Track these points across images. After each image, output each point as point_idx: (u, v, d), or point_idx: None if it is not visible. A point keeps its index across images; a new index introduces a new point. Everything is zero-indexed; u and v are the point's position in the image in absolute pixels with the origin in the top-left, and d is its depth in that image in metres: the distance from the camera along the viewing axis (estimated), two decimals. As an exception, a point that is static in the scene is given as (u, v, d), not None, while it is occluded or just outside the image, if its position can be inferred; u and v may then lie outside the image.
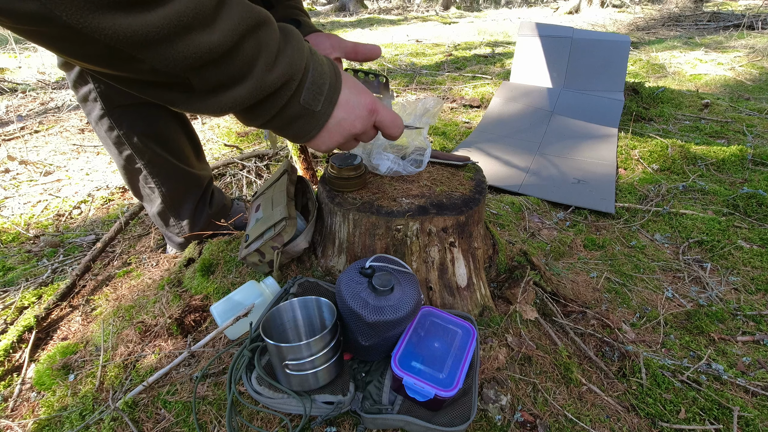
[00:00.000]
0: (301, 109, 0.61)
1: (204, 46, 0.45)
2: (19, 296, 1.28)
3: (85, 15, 0.37)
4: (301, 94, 0.59)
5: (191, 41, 0.44)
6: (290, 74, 0.56)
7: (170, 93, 0.50)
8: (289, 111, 0.60)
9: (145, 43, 0.41)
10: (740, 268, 1.40)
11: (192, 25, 0.43)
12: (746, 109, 2.79)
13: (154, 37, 0.41)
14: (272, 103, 0.58)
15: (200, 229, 1.33)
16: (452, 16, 8.37)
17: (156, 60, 0.44)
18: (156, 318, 1.12)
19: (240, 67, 0.50)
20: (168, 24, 0.41)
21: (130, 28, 0.39)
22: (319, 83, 0.61)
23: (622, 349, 1.05)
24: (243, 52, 0.49)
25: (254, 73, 0.52)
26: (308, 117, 0.62)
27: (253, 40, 0.50)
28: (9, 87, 3.37)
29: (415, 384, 0.78)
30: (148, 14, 0.40)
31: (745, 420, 0.91)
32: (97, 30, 0.38)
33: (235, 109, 0.55)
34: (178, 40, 0.43)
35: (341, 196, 1.03)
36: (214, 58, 0.46)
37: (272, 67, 0.53)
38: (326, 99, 0.62)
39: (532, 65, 2.83)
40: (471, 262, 1.06)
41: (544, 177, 2.00)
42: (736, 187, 1.87)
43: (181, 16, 0.42)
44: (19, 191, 1.94)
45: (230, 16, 0.47)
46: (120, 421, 0.88)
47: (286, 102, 0.59)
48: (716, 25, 5.78)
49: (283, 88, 0.57)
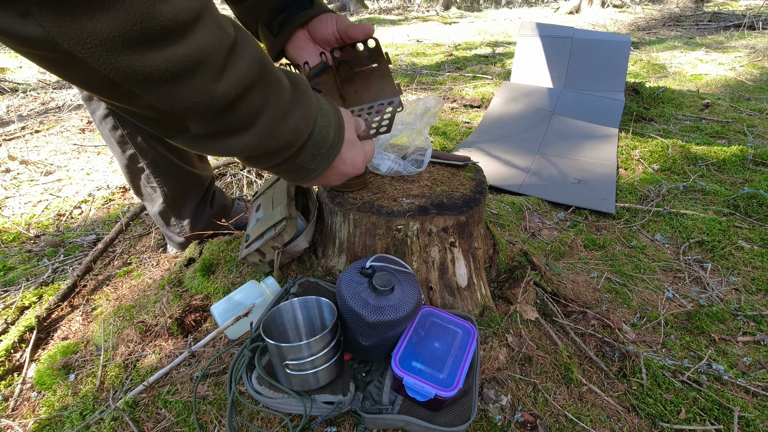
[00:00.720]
0: (296, 166, 0.61)
1: (206, 94, 0.44)
2: (20, 296, 1.28)
3: (88, 47, 0.36)
4: (299, 156, 0.60)
5: (193, 87, 0.43)
6: (292, 140, 0.56)
7: (167, 129, 0.49)
8: (285, 166, 0.60)
9: (144, 83, 0.40)
10: (741, 268, 1.40)
11: (197, 71, 0.42)
12: (747, 110, 2.79)
13: (155, 77, 0.40)
14: (269, 158, 0.57)
15: (201, 229, 1.33)
16: (453, 16, 8.37)
17: (154, 99, 0.43)
18: (156, 318, 1.12)
19: (240, 121, 0.49)
20: (171, 66, 0.40)
21: (132, 65, 0.39)
22: (319, 146, 0.61)
23: (622, 349, 1.05)
24: (246, 106, 0.48)
25: (255, 129, 0.51)
26: (302, 172, 0.63)
27: (259, 94, 0.49)
28: (10, 87, 3.38)
29: (415, 384, 0.78)
30: (153, 54, 0.39)
31: (746, 420, 0.91)
32: (98, 62, 0.38)
33: (231, 156, 0.54)
34: (180, 83, 0.42)
35: (342, 196, 1.03)
36: (214, 107, 0.45)
37: (276, 126, 0.52)
38: (323, 159, 0.63)
39: (532, 65, 2.83)
40: (471, 262, 1.06)
41: (545, 177, 1.99)
42: (736, 187, 1.86)
43: (186, 60, 0.41)
44: (19, 191, 1.94)
45: (240, 68, 0.46)
46: (120, 421, 0.88)
47: (282, 161, 0.59)
48: (717, 25, 5.78)
49: (283, 149, 0.56)
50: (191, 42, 0.41)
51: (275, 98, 0.51)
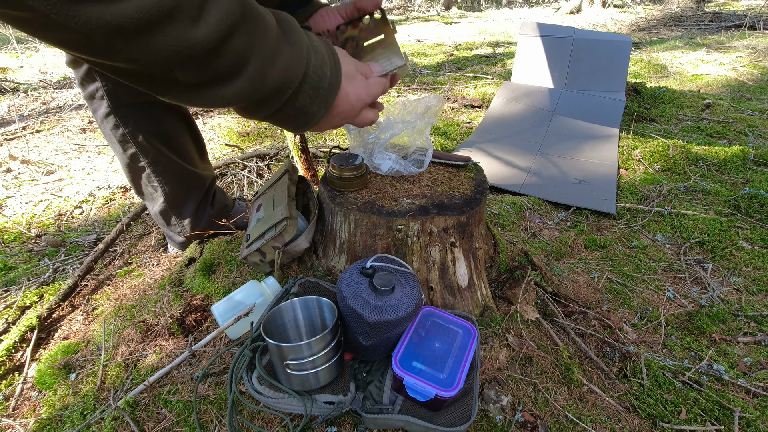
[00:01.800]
0: (296, 111, 0.58)
1: (185, 40, 0.42)
2: (21, 295, 1.28)
3: (56, 3, 0.35)
4: (296, 99, 0.57)
5: (170, 34, 0.41)
6: (286, 81, 0.53)
7: (156, 84, 0.47)
8: (284, 113, 0.58)
9: (119, 34, 0.38)
10: (741, 268, 1.40)
11: (172, 17, 0.40)
12: (748, 110, 2.78)
13: (129, 27, 0.38)
14: (265, 105, 0.55)
15: (202, 229, 1.33)
16: (453, 16, 8.37)
17: (133, 52, 0.41)
18: (157, 317, 1.12)
19: (227, 66, 0.47)
20: (144, 15, 0.38)
21: (102, 18, 0.37)
22: (316, 86, 0.58)
23: (623, 349, 1.05)
24: (231, 50, 0.46)
25: (245, 73, 0.48)
26: (304, 116, 0.60)
27: (243, 36, 0.46)
28: (11, 87, 3.38)
29: (415, 384, 0.78)
30: (123, 2, 0.37)
31: (747, 421, 0.91)
32: (69, 18, 0.36)
33: (225, 106, 0.52)
34: (156, 32, 0.40)
35: (342, 196, 1.03)
36: (197, 53, 0.43)
37: (266, 69, 0.50)
38: (322, 101, 0.60)
39: (533, 65, 2.83)
40: (472, 263, 1.06)
41: (545, 177, 1.99)
42: (737, 187, 1.86)
43: (159, 6, 0.38)
44: (20, 191, 1.94)
45: (218, 9, 0.43)
46: (121, 421, 0.88)
47: (281, 106, 0.56)
48: (718, 25, 5.77)
49: (278, 93, 0.54)
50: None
51: (261, 38, 0.48)
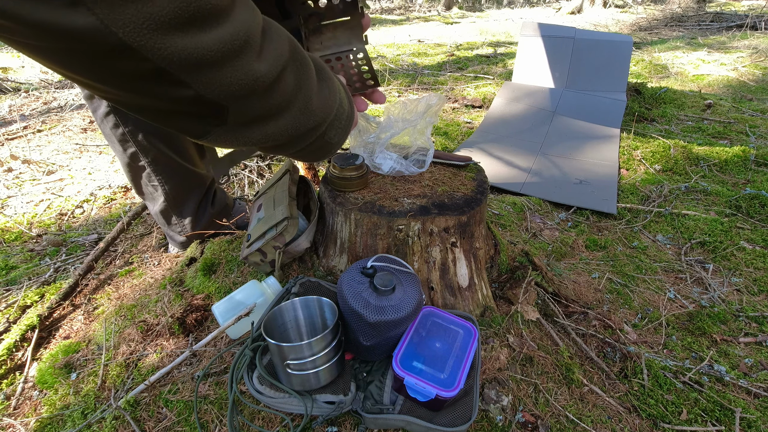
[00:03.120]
0: (323, 143, 0.62)
1: (251, 74, 0.43)
2: (22, 295, 1.28)
3: (143, 33, 0.35)
4: (327, 134, 0.60)
5: (239, 68, 0.42)
6: (324, 116, 0.56)
7: (203, 124, 0.48)
8: (314, 146, 0.61)
9: (198, 66, 0.40)
10: (743, 269, 1.40)
11: (243, 51, 0.42)
12: (749, 110, 2.78)
13: (208, 59, 0.39)
14: (301, 140, 0.57)
15: (202, 228, 1.33)
16: (454, 16, 8.37)
17: (203, 85, 0.42)
18: (158, 317, 1.13)
19: (279, 102, 0.49)
20: (222, 47, 0.40)
21: (186, 49, 0.38)
22: (341, 119, 0.62)
23: (623, 349, 1.05)
24: (283, 86, 0.48)
25: (292, 109, 0.51)
26: (327, 147, 0.64)
27: (293, 73, 0.49)
28: (12, 86, 3.38)
29: (416, 384, 0.78)
30: (204, 35, 0.38)
31: (747, 421, 0.91)
32: (153, 49, 0.36)
33: (264, 144, 0.53)
34: (228, 65, 0.41)
35: (343, 196, 1.03)
36: (258, 88, 0.45)
37: (309, 105, 0.53)
38: (343, 131, 0.64)
39: (534, 65, 2.82)
40: (472, 263, 1.06)
41: (546, 177, 1.99)
42: (738, 188, 1.86)
43: (234, 39, 0.40)
44: (21, 190, 1.94)
45: (274, 46, 0.46)
46: (122, 420, 0.88)
47: (313, 140, 0.59)
48: (719, 25, 5.76)
49: (316, 128, 0.57)
50: (236, 21, 0.40)
51: (306, 76, 0.51)
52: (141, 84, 0.40)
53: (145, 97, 0.42)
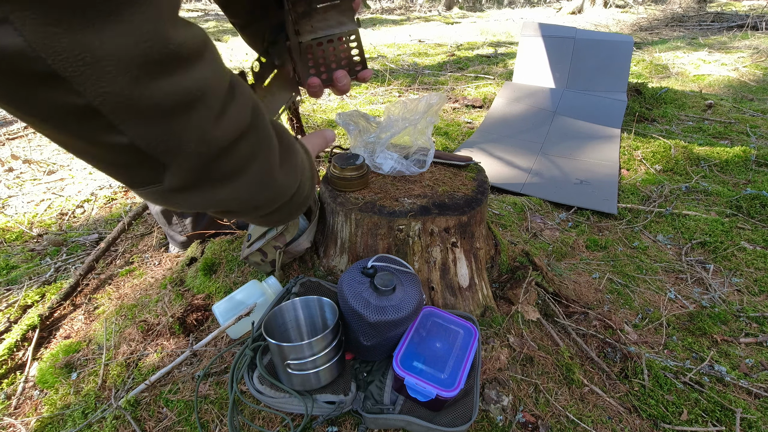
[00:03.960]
0: (275, 218, 0.56)
1: (202, 133, 0.38)
2: (23, 295, 1.28)
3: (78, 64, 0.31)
4: (281, 210, 0.55)
5: (189, 126, 0.37)
6: (283, 191, 0.51)
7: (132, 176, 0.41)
8: (266, 218, 0.56)
9: (138, 114, 0.34)
10: (743, 269, 1.40)
11: (195, 108, 0.37)
12: (750, 110, 2.78)
13: (151, 109, 0.34)
14: (255, 211, 0.52)
15: (203, 228, 1.33)
16: (455, 16, 8.37)
17: (140, 136, 0.36)
18: (158, 317, 1.13)
19: (228, 170, 0.44)
20: (170, 99, 0.35)
21: (126, 92, 0.33)
22: (298, 200, 0.56)
23: (624, 350, 1.05)
24: (236, 154, 0.43)
25: (244, 177, 0.45)
26: (276, 222, 0.59)
27: (250, 143, 0.44)
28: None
29: (416, 384, 0.78)
30: (152, 81, 0.33)
31: (748, 422, 0.91)
32: (87, 84, 0.32)
33: (206, 209, 0.48)
34: (175, 120, 0.37)
35: (343, 196, 1.03)
36: (209, 150, 0.40)
37: (265, 177, 0.48)
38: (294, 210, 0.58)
39: (534, 65, 2.82)
40: (473, 263, 1.06)
41: (547, 177, 1.99)
42: (739, 188, 1.86)
43: (187, 94, 0.36)
44: (22, 190, 1.95)
45: (237, 110, 0.41)
46: (122, 420, 0.88)
47: (268, 213, 0.54)
48: (720, 25, 5.76)
49: (272, 202, 0.52)
50: (195, 75, 0.36)
51: (265, 147, 0.47)
52: (68, 121, 0.34)
53: (71, 136, 0.36)
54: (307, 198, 0.59)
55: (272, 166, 0.49)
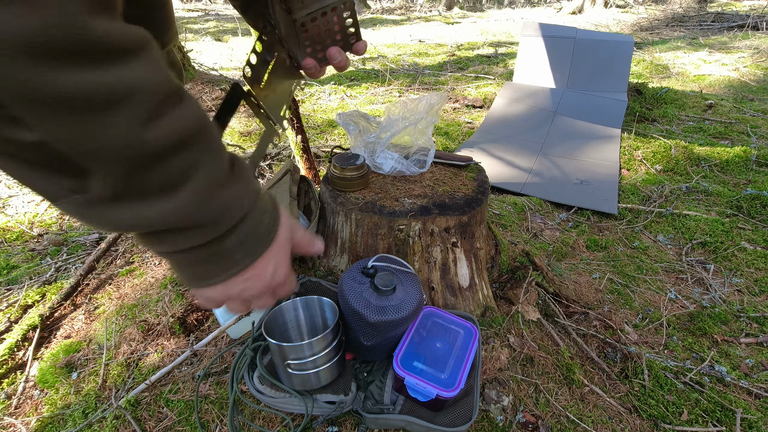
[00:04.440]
0: (219, 251, 0.48)
1: (131, 136, 0.35)
2: (23, 294, 1.28)
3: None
4: (226, 239, 0.47)
5: (116, 124, 0.34)
6: (224, 214, 0.45)
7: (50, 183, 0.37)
8: (203, 251, 0.47)
9: (46, 105, 0.31)
10: (744, 269, 1.40)
11: (122, 107, 0.34)
12: (750, 110, 2.78)
13: (65, 101, 0.31)
14: (191, 235, 0.45)
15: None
16: (455, 16, 8.37)
17: (50, 131, 0.33)
18: (158, 317, 1.13)
19: (167, 179, 0.39)
20: (90, 92, 0.31)
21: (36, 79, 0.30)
22: (250, 233, 0.49)
23: (624, 350, 1.05)
24: (178, 162, 0.39)
25: (181, 192, 0.40)
26: (222, 262, 0.49)
27: (194, 153, 0.40)
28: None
29: (416, 384, 0.78)
30: (70, 72, 0.30)
31: (748, 422, 0.91)
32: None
33: (135, 230, 0.42)
34: (96, 117, 0.33)
35: (344, 196, 1.03)
36: (139, 154, 0.36)
37: (206, 194, 0.42)
38: (251, 249, 0.50)
39: (535, 65, 2.82)
40: (473, 263, 1.06)
41: (547, 177, 1.99)
42: (739, 188, 1.86)
43: (113, 90, 0.33)
44: (23, 190, 1.95)
45: (179, 118, 0.38)
46: (122, 419, 0.88)
47: (206, 242, 0.46)
48: (720, 25, 5.76)
49: (211, 225, 0.45)
50: (126, 71, 0.33)
51: (213, 162, 0.42)
52: None
53: None
54: (260, 232, 0.50)
55: (214, 182, 0.43)
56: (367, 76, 3.63)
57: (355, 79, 3.53)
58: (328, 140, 2.44)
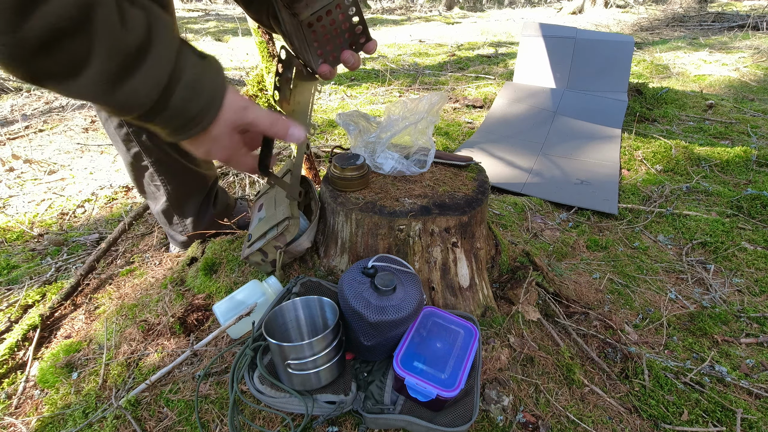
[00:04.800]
0: (172, 110, 0.52)
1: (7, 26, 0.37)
2: (23, 294, 1.28)
3: None
4: (170, 99, 0.50)
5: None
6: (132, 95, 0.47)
7: None
8: (155, 112, 0.51)
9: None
10: (744, 269, 1.40)
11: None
12: (750, 110, 2.78)
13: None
14: (126, 107, 0.48)
15: (204, 228, 1.33)
16: (455, 16, 8.37)
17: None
18: (159, 317, 1.13)
19: (62, 65, 0.41)
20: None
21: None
22: (194, 86, 0.52)
23: (624, 350, 1.05)
24: (65, 50, 0.41)
25: (85, 73, 0.43)
26: (181, 116, 0.53)
27: (83, 37, 0.41)
28: (14, 86, 3.39)
29: (417, 384, 0.78)
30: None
31: (749, 422, 0.91)
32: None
33: (76, 99, 0.46)
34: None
35: (344, 196, 1.03)
36: (24, 46, 0.38)
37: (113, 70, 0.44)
38: (206, 105, 0.54)
39: (535, 66, 2.82)
40: (473, 263, 1.06)
41: (547, 177, 1.99)
42: (740, 188, 1.86)
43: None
44: (23, 190, 1.95)
45: (50, 8, 0.38)
46: (123, 420, 0.88)
47: (152, 106, 0.50)
48: (721, 25, 5.75)
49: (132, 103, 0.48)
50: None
51: (110, 48, 0.43)
52: None
53: None
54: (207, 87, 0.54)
55: (116, 67, 0.44)
56: (367, 76, 3.63)
57: (355, 79, 3.53)
58: (328, 140, 2.44)
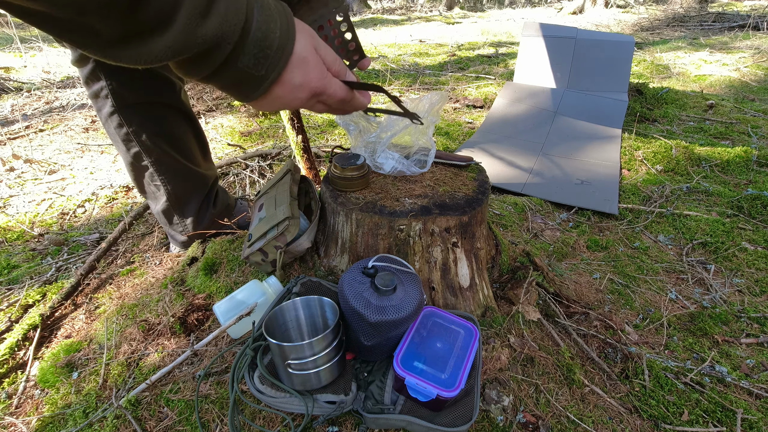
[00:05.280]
0: (240, 73, 0.51)
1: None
2: (24, 294, 1.28)
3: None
4: (240, 59, 0.50)
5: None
6: (222, 34, 0.47)
7: (75, 34, 0.41)
8: (226, 74, 0.51)
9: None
10: (744, 269, 1.40)
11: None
12: (751, 110, 2.77)
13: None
14: (203, 63, 0.48)
15: (204, 228, 1.33)
16: (456, 16, 8.37)
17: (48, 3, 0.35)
18: (159, 316, 1.13)
19: (154, 16, 0.42)
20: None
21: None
22: (262, 45, 0.50)
23: (624, 350, 1.05)
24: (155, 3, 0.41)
25: (175, 24, 0.43)
26: (250, 81, 0.53)
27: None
28: (14, 86, 3.39)
29: (417, 384, 0.78)
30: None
31: (749, 423, 0.91)
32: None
33: (156, 63, 0.46)
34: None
35: (344, 196, 1.03)
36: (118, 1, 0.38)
37: (198, 18, 0.44)
38: (272, 63, 0.52)
39: (535, 66, 2.82)
40: (474, 263, 1.06)
41: (548, 178, 1.99)
42: (740, 188, 1.86)
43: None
44: (23, 190, 1.95)
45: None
46: (123, 419, 0.88)
47: (221, 64, 0.49)
48: (721, 25, 5.75)
49: (215, 49, 0.48)
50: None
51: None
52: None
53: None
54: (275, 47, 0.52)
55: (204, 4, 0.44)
56: (367, 76, 3.63)
57: (355, 79, 3.52)
58: (328, 140, 2.44)
